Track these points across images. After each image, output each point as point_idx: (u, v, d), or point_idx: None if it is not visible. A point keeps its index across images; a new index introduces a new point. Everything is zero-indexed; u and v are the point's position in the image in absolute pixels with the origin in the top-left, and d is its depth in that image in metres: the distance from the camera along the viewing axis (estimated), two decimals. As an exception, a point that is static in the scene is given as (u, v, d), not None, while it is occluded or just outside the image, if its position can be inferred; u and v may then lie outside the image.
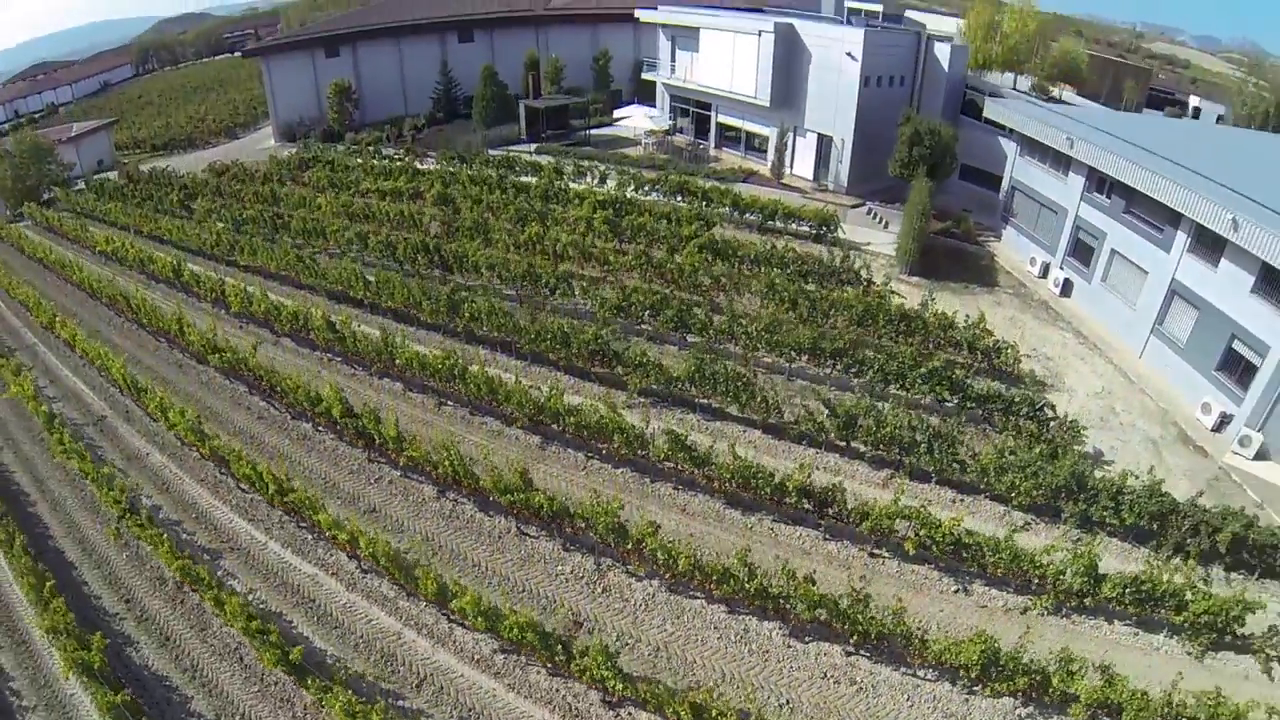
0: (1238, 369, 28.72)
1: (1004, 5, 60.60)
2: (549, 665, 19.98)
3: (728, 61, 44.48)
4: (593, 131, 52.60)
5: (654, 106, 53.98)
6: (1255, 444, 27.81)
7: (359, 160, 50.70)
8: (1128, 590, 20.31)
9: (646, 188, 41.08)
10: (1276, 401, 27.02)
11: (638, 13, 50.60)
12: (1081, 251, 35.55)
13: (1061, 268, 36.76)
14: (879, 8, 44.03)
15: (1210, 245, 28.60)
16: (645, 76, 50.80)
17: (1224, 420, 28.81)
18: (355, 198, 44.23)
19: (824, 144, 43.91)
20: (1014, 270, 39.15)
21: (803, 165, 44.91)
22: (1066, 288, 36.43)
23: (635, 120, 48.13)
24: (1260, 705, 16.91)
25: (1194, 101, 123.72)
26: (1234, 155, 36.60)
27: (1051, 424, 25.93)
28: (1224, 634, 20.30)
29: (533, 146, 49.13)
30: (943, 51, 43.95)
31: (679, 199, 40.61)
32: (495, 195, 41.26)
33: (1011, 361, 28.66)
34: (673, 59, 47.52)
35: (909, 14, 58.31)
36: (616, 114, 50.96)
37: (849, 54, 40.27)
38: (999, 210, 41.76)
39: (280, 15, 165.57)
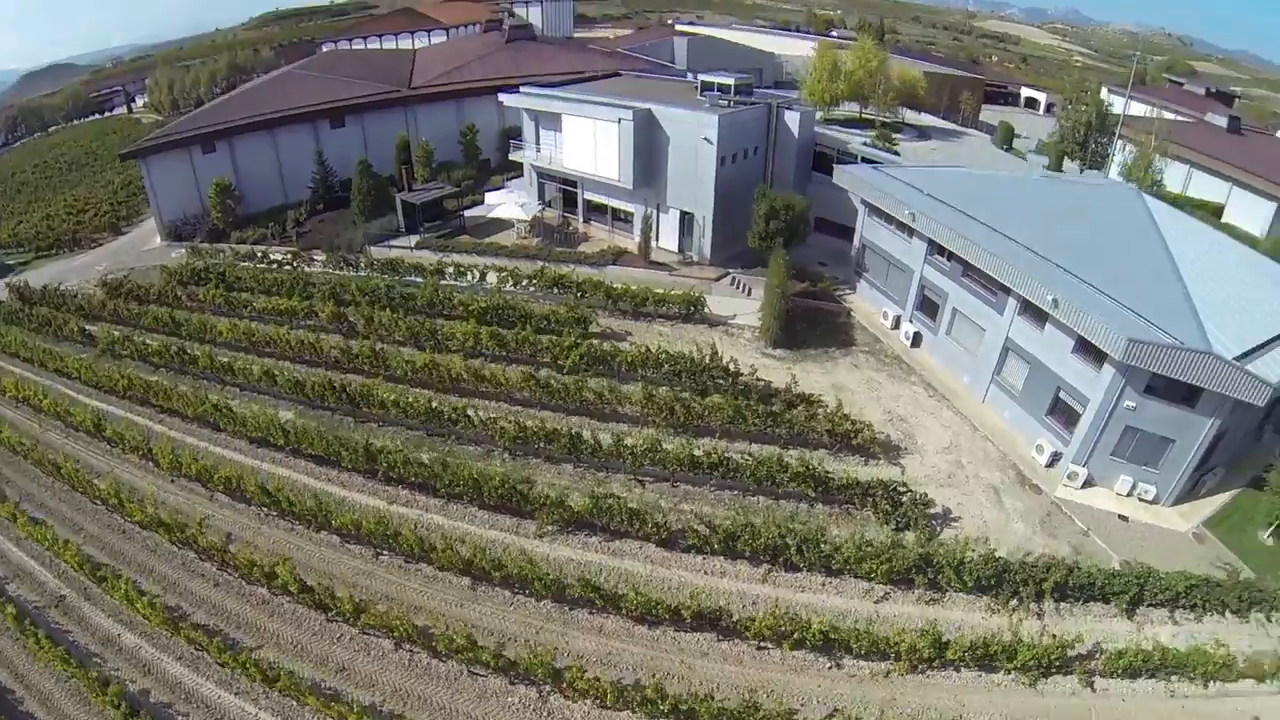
0: (1064, 414, 35.49)
1: (845, 46, 66.37)
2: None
3: (591, 145, 48.14)
4: (468, 213, 55.61)
5: (521, 177, 57.25)
6: (1081, 477, 34.83)
7: (248, 265, 52.38)
8: (968, 653, 25.94)
9: (525, 282, 44.51)
10: (1097, 442, 33.93)
11: (500, 96, 53.64)
12: (928, 307, 41.51)
13: (911, 321, 42.88)
14: (731, 81, 48.06)
15: (1037, 312, 35.12)
16: (513, 157, 54.06)
17: (1055, 458, 35.62)
18: (253, 323, 46.13)
19: (687, 219, 48.12)
20: (868, 323, 45.23)
21: (668, 239, 49.29)
22: (917, 339, 42.68)
23: (507, 208, 51.38)
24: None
25: (1025, 93, 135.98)
26: (1060, 217, 43.00)
27: (904, 500, 31.35)
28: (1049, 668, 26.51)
29: (413, 240, 51.84)
30: (792, 119, 48.99)
31: (556, 291, 44.18)
32: (387, 314, 43.92)
33: (868, 441, 33.65)
34: (538, 140, 50.85)
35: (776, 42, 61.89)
36: (489, 199, 54.04)
37: (706, 138, 44.39)
38: (852, 263, 46.53)
39: (147, 72, 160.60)
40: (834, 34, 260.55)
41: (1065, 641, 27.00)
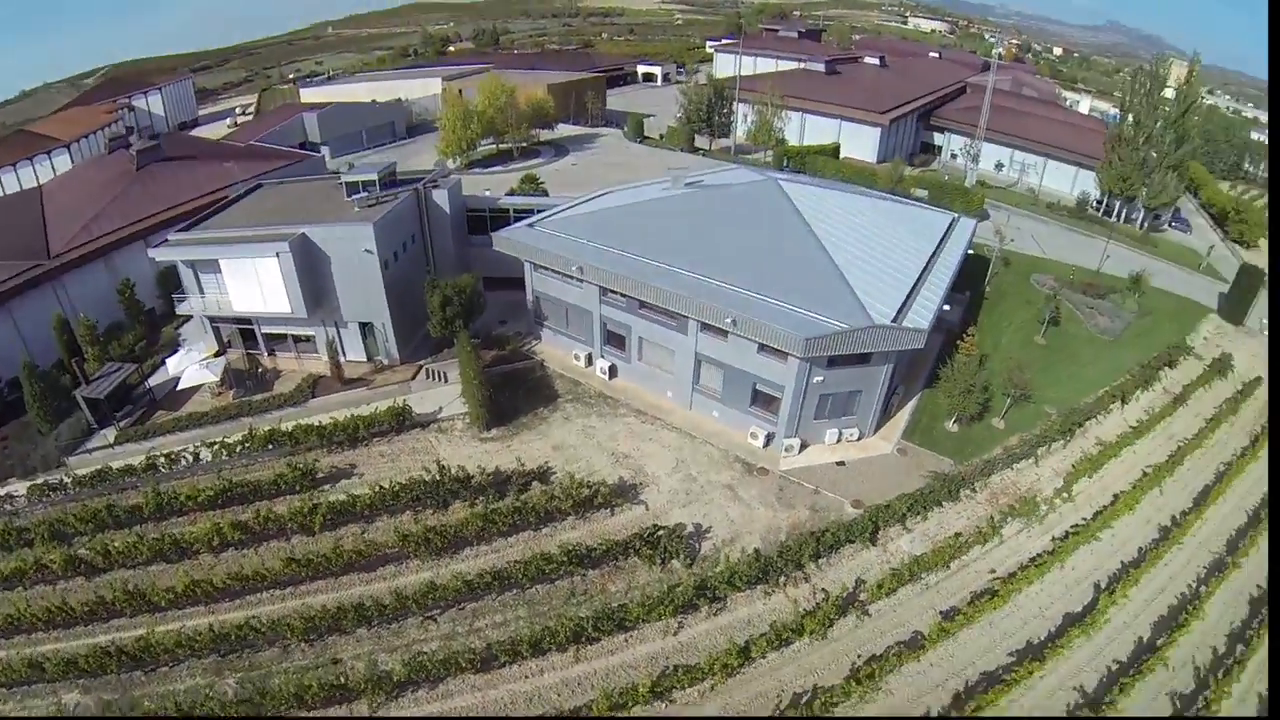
0: (766, 402, 42.06)
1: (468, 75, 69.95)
2: None
3: (255, 283, 46.87)
4: (154, 380, 51.63)
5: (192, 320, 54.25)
6: (796, 446, 41.66)
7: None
8: (768, 647, 31.66)
9: (239, 449, 42.80)
10: (800, 415, 40.96)
11: (150, 251, 50.19)
12: (615, 340, 46.69)
13: (603, 356, 47.81)
14: (375, 176, 48.84)
15: (718, 328, 40.77)
16: (180, 311, 50.97)
17: (769, 439, 42.37)
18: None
19: (367, 327, 48.62)
20: (563, 368, 49.41)
21: (354, 351, 49.68)
22: (613, 371, 47.90)
23: (191, 372, 48.48)
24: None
25: (641, 69, 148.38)
26: (715, 228, 48.19)
27: (660, 537, 35.51)
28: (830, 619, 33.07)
29: (111, 436, 47.39)
30: (441, 197, 51.80)
31: (271, 448, 42.96)
32: (121, 537, 39.89)
33: (607, 497, 37.84)
34: (200, 288, 48.46)
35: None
36: (170, 364, 50.46)
37: (366, 250, 44.96)
38: (530, 315, 49.54)
39: None
40: (452, 47, 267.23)
41: (833, 593, 33.96)
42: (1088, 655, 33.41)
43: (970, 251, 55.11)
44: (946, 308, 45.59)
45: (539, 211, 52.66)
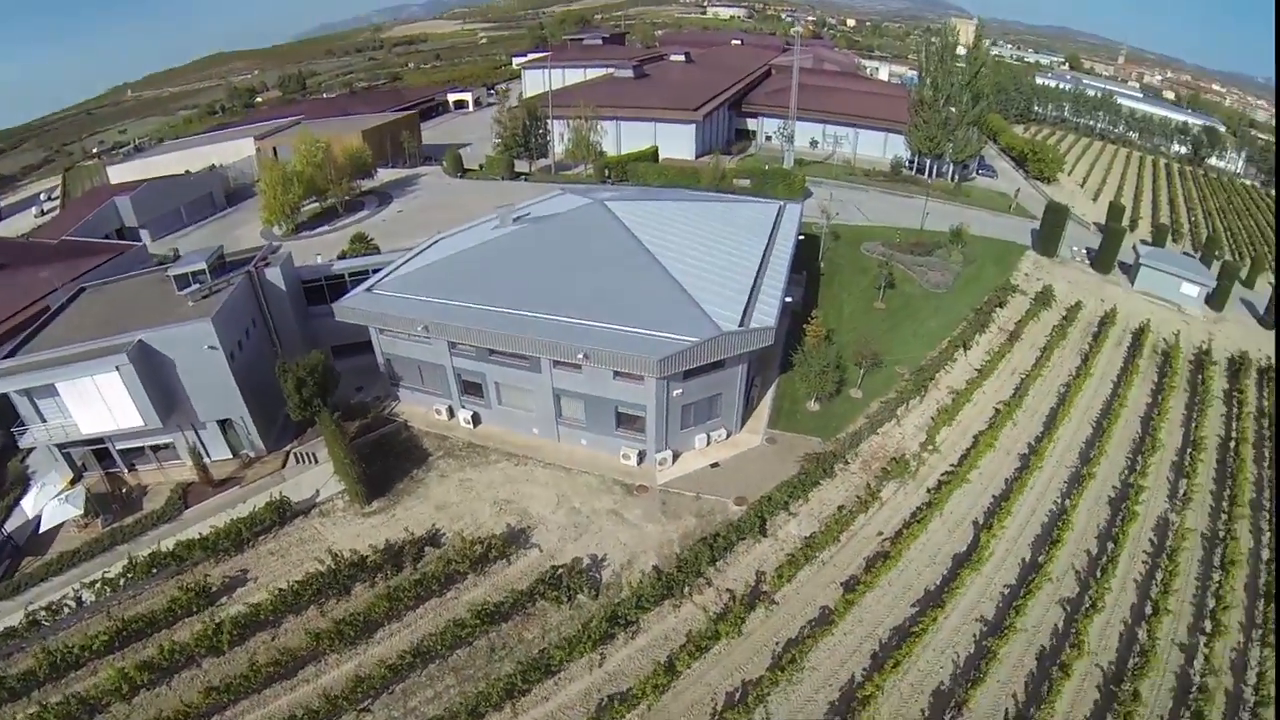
0: (631, 422, 43.09)
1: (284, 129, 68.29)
2: None
3: (99, 400, 43.71)
4: (10, 525, 46.85)
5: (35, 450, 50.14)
6: (669, 457, 42.69)
7: None
8: (691, 659, 32.36)
9: (123, 583, 39.97)
10: (666, 428, 42.22)
11: None
12: (472, 389, 46.88)
13: (463, 407, 47.61)
14: (204, 264, 46.78)
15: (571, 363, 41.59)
16: (22, 444, 46.82)
17: (641, 456, 43.36)
18: None
19: (226, 422, 46.48)
20: (428, 425, 48.79)
21: (217, 449, 47.29)
22: (476, 419, 47.73)
23: (50, 510, 44.84)
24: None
25: (452, 98, 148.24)
26: (555, 260, 48.39)
27: (559, 576, 35.83)
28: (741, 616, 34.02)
29: None
30: (275, 274, 50.25)
31: (155, 572, 40.44)
32: None
33: (499, 548, 37.46)
34: (40, 415, 44.77)
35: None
36: (25, 503, 46.56)
37: (209, 346, 43.01)
38: (384, 377, 48.74)
39: None
40: (259, 98, 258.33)
41: (738, 592, 35.53)
42: (980, 589, 36.64)
43: (801, 236, 57.95)
44: (789, 299, 47.96)
45: (374, 272, 51.86)
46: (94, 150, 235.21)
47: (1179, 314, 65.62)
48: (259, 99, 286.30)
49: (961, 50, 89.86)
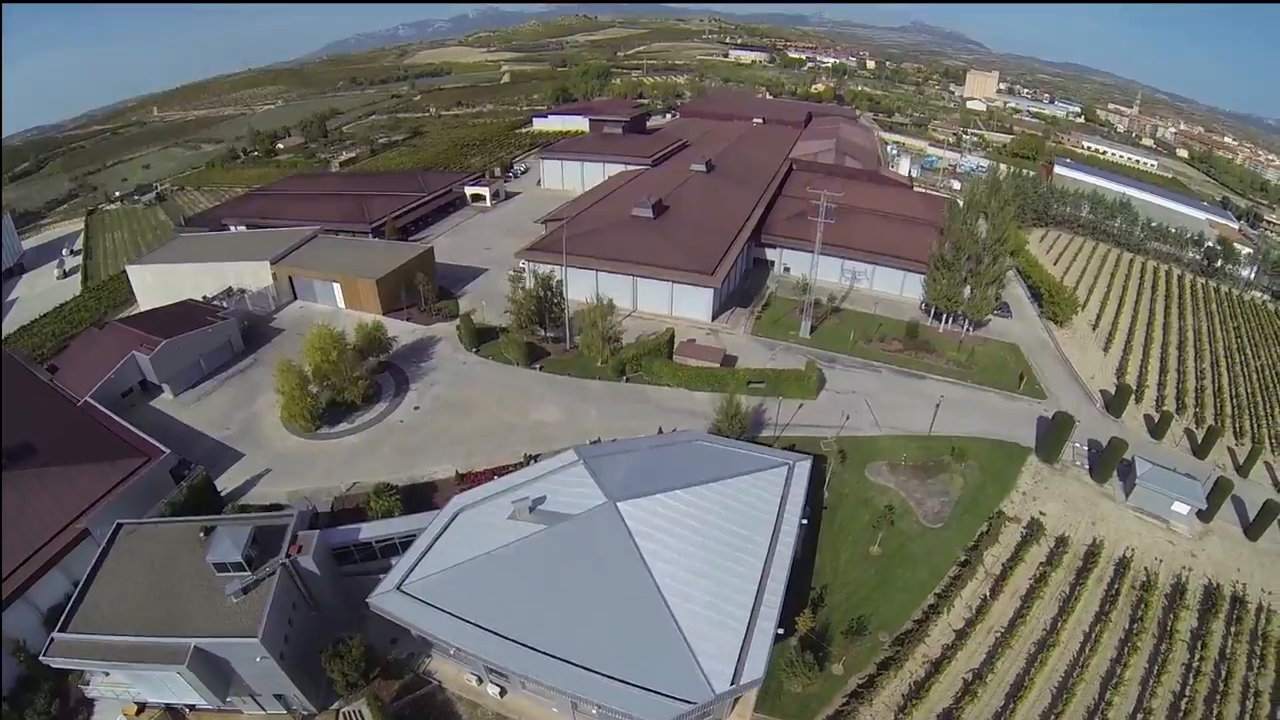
0: None
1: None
2: None
3: (163, 684, 49.33)
4: None
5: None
6: None
7: None
8: None
9: None
10: None
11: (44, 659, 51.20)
12: (498, 673, 51.80)
13: (492, 683, 53.24)
14: (240, 558, 51.11)
15: None
16: (88, 694, 52.06)
17: None
18: None
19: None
20: (458, 686, 53.75)
21: (272, 706, 52.52)
22: (503, 691, 53.13)
23: None
24: None
25: (470, 190, 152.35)
26: (577, 584, 52.27)
27: None
28: None
29: None
30: (307, 562, 53.76)
31: None
32: None
33: None
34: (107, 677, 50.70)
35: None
36: None
37: (260, 658, 48.12)
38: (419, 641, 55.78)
39: None
40: (280, 144, 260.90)
41: None
42: None
43: (809, 463, 62.77)
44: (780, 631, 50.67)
45: (401, 543, 57.84)
46: (115, 194, 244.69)
47: (1166, 531, 70.55)
48: (280, 145, 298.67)
49: (979, 106, 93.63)
